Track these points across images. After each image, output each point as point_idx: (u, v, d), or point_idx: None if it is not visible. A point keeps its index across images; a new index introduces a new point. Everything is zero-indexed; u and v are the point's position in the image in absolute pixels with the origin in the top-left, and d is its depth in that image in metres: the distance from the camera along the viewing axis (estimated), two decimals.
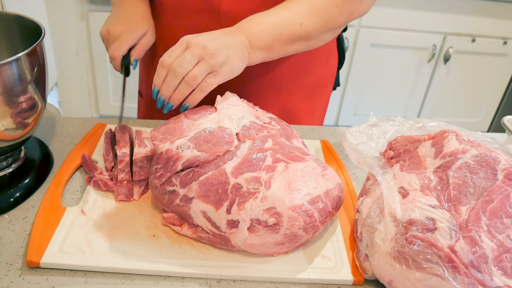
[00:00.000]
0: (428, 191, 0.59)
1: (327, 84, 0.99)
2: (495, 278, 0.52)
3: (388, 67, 2.19)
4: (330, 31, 0.76)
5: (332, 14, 0.72)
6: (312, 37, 0.73)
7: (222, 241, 0.60)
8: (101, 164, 0.75)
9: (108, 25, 0.79)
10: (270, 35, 0.69)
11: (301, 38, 0.72)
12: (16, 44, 0.72)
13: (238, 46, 0.66)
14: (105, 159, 0.74)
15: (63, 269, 0.58)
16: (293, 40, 0.71)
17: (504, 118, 0.90)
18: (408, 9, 2.03)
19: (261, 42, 0.69)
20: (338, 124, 2.36)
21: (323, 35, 0.75)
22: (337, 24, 0.75)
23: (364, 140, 0.74)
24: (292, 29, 0.70)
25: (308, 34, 0.72)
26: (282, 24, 0.70)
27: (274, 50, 0.71)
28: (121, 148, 0.70)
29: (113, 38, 0.78)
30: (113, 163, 0.72)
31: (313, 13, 0.71)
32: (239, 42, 0.66)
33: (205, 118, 0.64)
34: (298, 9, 0.71)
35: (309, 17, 0.71)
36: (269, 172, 0.60)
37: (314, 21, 0.71)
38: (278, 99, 0.91)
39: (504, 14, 2.08)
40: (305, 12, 0.71)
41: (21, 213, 0.65)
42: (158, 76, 0.64)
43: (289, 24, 0.70)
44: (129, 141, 0.73)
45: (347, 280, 0.59)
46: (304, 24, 0.70)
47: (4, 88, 0.60)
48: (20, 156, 0.73)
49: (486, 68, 2.24)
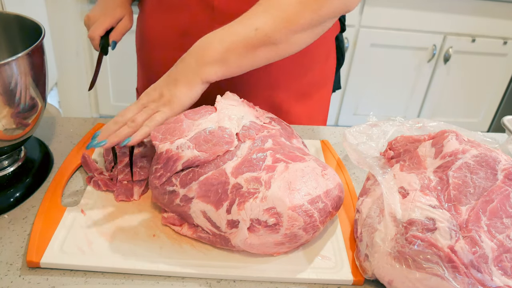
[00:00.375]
0: (428, 191, 0.59)
1: (325, 84, 0.97)
2: (495, 278, 0.52)
3: (388, 67, 2.19)
4: (300, 32, 0.67)
5: (293, 11, 0.65)
6: (278, 41, 0.66)
7: (222, 241, 0.60)
8: (101, 164, 0.75)
9: (89, 12, 0.88)
10: (221, 46, 0.64)
11: (263, 44, 0.65)
12: (16, 44, 0.72)
13: (182, 77, 0.65)
14: (105, 159, 0.74)
15: (63, 269, 0.58)
16: (252, 47, 0.65)
17: (504, 118, 0.90)
18: (408, 9, 2.03)
19: (212, 56, 0.64)
20: (338, 124, 2.37)
21: (291, 37, 0.67)
22: (303, 22, 0.66)
23: (364, 140, 0.74)
24: (246, 35, 0.64)
25: (269, 39, 0.65)
26: (233, 32, 0.65)
27: (231, 62, 0.66)
28: (121, 148, 0.70)
29: (92, 22, 0.86)
30: (113, 163, 0.72)
31: (271, 16, 0.65)
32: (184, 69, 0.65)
33: (205, 118, 0.64)
34: (254, 15, 0.65)
35: (264, 19, 0.65)
36: (269, 172, 0.60)
37: (272, 23, 0.64)
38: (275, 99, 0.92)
39: (504, 14, 2.08)
40: (261, 16, 0.65)
41: (21, 213, 0.65)
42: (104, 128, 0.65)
43: (242, 31, 0.65)
44: None
45: (347, 280, 0.59)
46: (260, 28, 0.64)
47: (4, 88, 0.60)
48: (20, 156, 0.73)
49: (486, 68, 2.24)
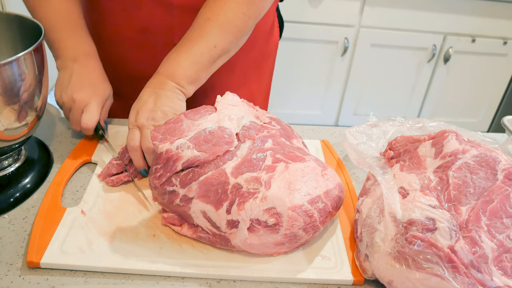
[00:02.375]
0: (428, 191, 0.59)
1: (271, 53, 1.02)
2: (495, 278, 0.52)
3: (388, 67, 2.19)
4: (244, 37, 0.78)
5: (240, 24, 0.75)
6: (230, 50, 0.77)
7: (222, 241, 0.60)
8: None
9: (71, 91, 0.74)
10: (193, 70, 0.73)
11: (220, 56, 0.75)
12: (16, 44, 0.72)
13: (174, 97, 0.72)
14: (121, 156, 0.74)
15: (63, 269, 0.58)
16: (213, 61, 0.75)
17: (504, 118, 0.90)
18: (408, 9, 2.03)
19: (189, 79, 0.73)
20: (338, 124, 2.37)
21: (238, 43, 0.78)
22: (247, 29, 0.77)
23: (364, 140, 0.74)
24: (209, 55, 0.73)
25: (225, 50, 0.75)
26: (199, 55, 0.73)
27: (202, 78, 0.75)
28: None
29: (79, 105, 0.74)
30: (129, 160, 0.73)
31: (223, 32, 0.74)
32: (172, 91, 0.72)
33: (205, 118, 0.64)
34: (209, 33, 0.73)
35: (221, 37, 0.74)
36: (269, 172, 0.60)
37: (226, 38, 0.74)
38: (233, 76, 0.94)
39: (504, 14, 2.08)
40: (215, 33, 0.73)
41: (21, 213, 0.65)
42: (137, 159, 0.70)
43: (205, 52, 0.73)
44: None
45: (347, 280, 0.59)
46: (218, 45, 0.74)
47: (4, 88, 0.60)
48: (20, 156, 0.73)
49: (486, 68, 2.24)
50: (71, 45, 0.77)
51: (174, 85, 0.72)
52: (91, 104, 0.74)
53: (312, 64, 2.16)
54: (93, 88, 0.76)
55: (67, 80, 0.75)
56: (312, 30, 2.06)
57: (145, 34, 0.85)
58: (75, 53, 0.77)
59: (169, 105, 0.71)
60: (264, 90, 1.06)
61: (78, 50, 0.77)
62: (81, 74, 0.76)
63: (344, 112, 2.32)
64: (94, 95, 0.75)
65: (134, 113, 0.71)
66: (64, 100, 0.75)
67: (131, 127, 0.71)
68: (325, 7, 2.00)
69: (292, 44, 2.08)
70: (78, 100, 0.74)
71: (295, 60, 2.12)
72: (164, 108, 0.70)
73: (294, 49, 2.10)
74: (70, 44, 0.77)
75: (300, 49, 2.10)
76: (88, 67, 0.77)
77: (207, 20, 0.74)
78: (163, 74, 0.73)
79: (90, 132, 0.75)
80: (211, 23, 0.73)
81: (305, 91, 2.23)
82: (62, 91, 0.75)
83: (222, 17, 0.74)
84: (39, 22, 0.68)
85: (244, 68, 0.96)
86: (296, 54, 2.11)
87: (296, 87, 2.20)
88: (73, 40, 0.77)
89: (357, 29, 2.08)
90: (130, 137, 0.70)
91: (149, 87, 0.73)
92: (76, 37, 0.78)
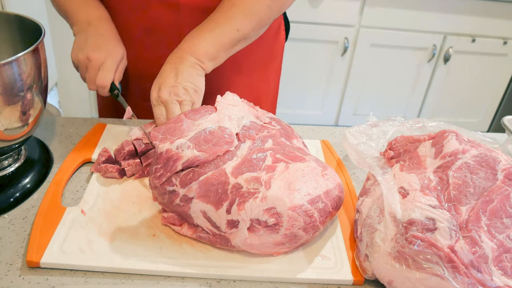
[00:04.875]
0: (428, 191, 0.59)
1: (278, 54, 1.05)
2: (495, 278, 0.52)
3: (388, 67, 2.19)
4: (264, 27, 0.84)
5: (263, 15, 0.80)
6: (249, 37, 0.81)
7: (222, 241, 0.60)
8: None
9: (87, 50, 0.77)
10: (214, 48, 0.77)
11: (240, 41, 0.80)
12: (16, 44, 0.72)
13: (194, 72, 0.75)
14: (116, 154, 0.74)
15: (63, 269, 0.58)
16: (234, 44, 0.79)
17: (504, 118, 0.90)
18: (408, 9, 2.03)
19: (209, 56, 0.76)
20: (338, 124, 2.36)
21: (258, 32, 0.83)
22: (269, 21, 0.83)
23: (364, 140, 0.74)
24: (231, 37, 0.78)
25: (245, 36, 0.80)
26: (221, 35, 0.77)
27: (220, 57, 0.79)
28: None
29: (95, 65, 0.76)
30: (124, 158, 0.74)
31: (246, 18, 0.78)
32: (192, 67, 0.75)
33: (205, 118, 0.64)
34: (233, 17, 0.78)
35: (244, 22, 0.78)
36: (269, 172, 0.60)
37: (249, 24, 0.79)
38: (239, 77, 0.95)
39: (504, 14, 2.08)
40: (239, 18, 0.78)
41: (21, 213, 0.65)
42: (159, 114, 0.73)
43: (228, 33, 0.77)
44: None
45: (347, 280, 0.59)
46: (241, 29, 0.78)
47: (4, 88, 0.60)
48: (20, 156, 0.73)
49: (486, 68, 2.24)
50: (85, 11, 0.82)
51: (195, 61, 0.75)
52: (106, 63, 0.77)
53: (312, 64, 2.16)
54: (108, 48, 0.79)
55: (83, 41, 0.78)
56: (312, 30, 2.05)
57: (151, 34, 0.86)
58: (89, 17, 0.81)
59: (190, 80, 0.73)
60: (271, 91, 1.07)
61: (91, 15, 0.81)
62: (96, 36, 0.79)
63: (344, 112, 2.32)
64: (109, 55, 0.78)
65: (156, 88, 0.74)
66: (80, 59, 0.77)
67: (155, 104, 0.73)
68: (325, 7, 2.00)
69: (292, 44, 2.07)
70: (94, 59, 0.76)
71: (295, 60, 2.12)
72: (185, 84, 0.73)
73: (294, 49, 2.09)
74: (84, 11, 0.82)
75: (300, 49, 2.10)
76: (103, 29, 0.81)
77: (233, 6, 0.78)
78: (184, 50, 0.76)
79: (105, 90, 0.77)
80: (236, 8, 0.78)
81: (305, 91, 2.23)
82: (79, 51, 0.78)
83: (247, 4, 0.78)
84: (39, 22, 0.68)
85: (251, 69, 0.96)
86: (296, 54, 2.11)
87: (296, 87, 2.20)
88: (86, 7, 0.82)
89: (357, 29, 2.08)
90: (158, 113, 0.72)
91: (170, 62, 0.75)
92: (88, 5, 0.83)
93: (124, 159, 0.73)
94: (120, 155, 0.73)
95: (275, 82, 1.08)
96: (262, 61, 0.99)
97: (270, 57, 1.01)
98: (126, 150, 0.73)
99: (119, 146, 0.74)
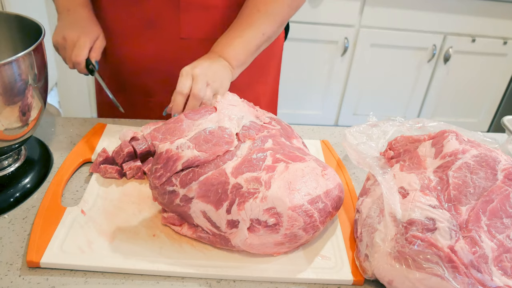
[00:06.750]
0: (428, 191, 0.59)
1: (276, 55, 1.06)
2: (495, 278, 0.52)
3: (388, 67, 2.19)
4: (284, 25, 0.87)
5: (285, 15, 0.84)
6: (272, 37, 0.85)
7: (222, 241, 0.60)
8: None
9: (63, 32, 0.82)
10: (244, 54, 0.81)
11: (264, 42, 0.83)
12: (16, 44, 0.72)
13: (225, 71, 0.78)
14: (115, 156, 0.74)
15: (63, 269, 0.58)
16: (259, 47, 0.83)
17: (504, 118, 0.90)
18: (408, 9, 2.03)
19: (239, 62, 0.80)
20: (338, 124, 2.36)
21: (279, 31, 0.86)
22: (288, 19, 0.86)
23: (364, 140, 0.74)
24: (258, 41, 0.82)
25: (269, 38, 0.84)
26: (250, 41, 0.81)
27: (247, 62, 0.83)
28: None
29: (70, 43, 0.81)
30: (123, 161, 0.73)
31: (271, 21, 0.82)
32: (224, 67, 0.78)
33: (205, 118, 0.64)
34: (258, 21, 0.81)
35: (268, 25, 0.82)
36: (269, 172, 0.60)
37: (272, 26, 0.83)
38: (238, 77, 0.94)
39: (504, 14, 2.08)
40: (264, 22, 0.81)
41: (21, 213, 0.65)
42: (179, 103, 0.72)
43: (255, 38, 0.81)
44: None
45: (347, 280, 0.59)
46: (266, 32, 0.82)
47: (4, 88, 0.60)
48: (20, 156, 0.73)
49: (486, 68, 2.23)
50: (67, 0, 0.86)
51: (226, 64, 0.79)
52: (79, 40, 0.81)
53: (312, 64, 2.16)
54: (81, 28, 0.83)
55: (61, 25, 0.84)
56: (312, 30, 2.05)
57: (151, 29, 0.86)
58: (69, 5, 0.85)
59: (220, 74, 0.76)
60: (270, 91, 1.07)
61: (71, 3, 0.86)
62: (72, 19, 0.84)
63: (344, 112, 2.32)
64: (83, 33, 0.82)
65: (191, 65, 0.75)
66: (57, 40, 0.82)
67: (184, 74, 0.73)
68: (325, 7, 2.00)
69: (292, 44, 2.07)
70: (69, 38, 0.81)
71: (295, 60, 2.12)
72: (217, 73, 0.75)
73: (294, 49, 2.09)
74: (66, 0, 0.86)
75: (300, 49, 2.10)
76: (80, 14, 0.85)
77: (257, 11, 0.81)
78: (217, 53, 0.79)
79: (80, 66, 0.81)
80: (260, 13, 0.81)
81: (305, 91, 2.23)
82: (56, 35, 0.83)
83: (270, 8, 0.81)
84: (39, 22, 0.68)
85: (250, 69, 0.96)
86: (296, 54, 2.11)
87: (296, 87, 2.20)
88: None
89: (357, 29, 2.08)
90: (182, 83, 0.73)
91: (204, 58, 0.78)
92: None
93: (124, 161, 0.73)
94: (119, 157, 0.73)
95: (275, 82, 1.08)
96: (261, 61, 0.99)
97: (269, 57, 1.01)
98: (126, 152, 0.73)
99: (118, 148, 0.74)
